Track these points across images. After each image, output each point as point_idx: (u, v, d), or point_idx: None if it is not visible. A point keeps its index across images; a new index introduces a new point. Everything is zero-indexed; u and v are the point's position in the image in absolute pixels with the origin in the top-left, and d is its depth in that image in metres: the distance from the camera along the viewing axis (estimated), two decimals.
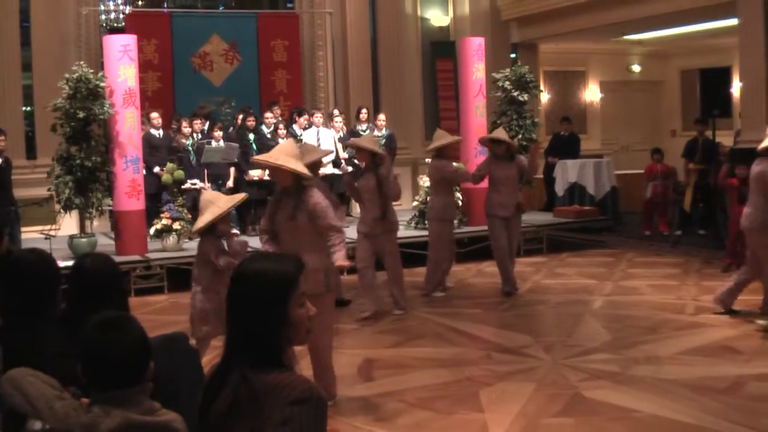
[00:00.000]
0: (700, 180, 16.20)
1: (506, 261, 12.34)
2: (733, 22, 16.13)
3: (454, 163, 13.93)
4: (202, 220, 7.91)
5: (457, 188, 14.76)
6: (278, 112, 16.18)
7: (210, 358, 7.42)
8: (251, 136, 15.41)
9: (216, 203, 7.99)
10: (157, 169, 14.46)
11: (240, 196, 8.48)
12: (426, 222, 13.27)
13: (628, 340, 9.53)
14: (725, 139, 17.41)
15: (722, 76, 17.82)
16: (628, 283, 12.83)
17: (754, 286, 10.45)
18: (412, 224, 15.25)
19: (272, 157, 7.25)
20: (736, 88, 19.96)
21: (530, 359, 8.88)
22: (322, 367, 7.52)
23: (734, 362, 8.61)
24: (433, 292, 12.31)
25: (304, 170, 7.28)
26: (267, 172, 14.74)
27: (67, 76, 13.11)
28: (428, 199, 13.25)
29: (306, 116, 16.11)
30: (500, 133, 12.65)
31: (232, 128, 16.11)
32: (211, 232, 8.07)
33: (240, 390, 2.86)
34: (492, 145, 12.45)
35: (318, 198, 7.30)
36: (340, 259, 7.31)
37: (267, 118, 15.67)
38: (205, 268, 8.12)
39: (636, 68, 25.62)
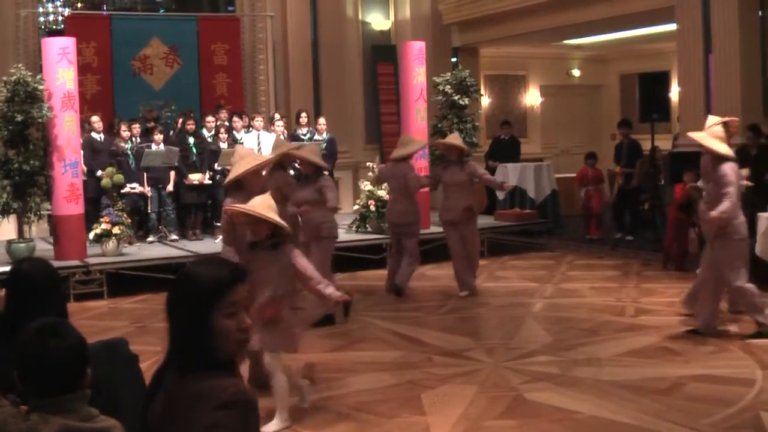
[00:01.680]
0: (625, 183, 16.41)
1: (457, 264, 12.49)
2: (672, 27, 16.31)
3: None
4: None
5: None
6: (224, 115, 16.08)
7: (149, 364, 7.35)
8: (191, 140, 15.30)
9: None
10: (98, 173, 14.31)
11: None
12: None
13: (568, 342, 9.59)
14: (663, 143, 17.61)
15: (661, 81, 18.01)
16: (568, 285, 12.92)
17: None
18: (353, 228, 15.24)
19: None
20: (674, 92, 20.19)
21: (472, 362, 8.89)
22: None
23: (673, 363, 8.69)
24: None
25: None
26: (207, 176, 14.74)
27: (5, 78, 12.94)
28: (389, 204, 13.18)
29: (246, 120, 16.03)
30: (455, 139, 12.75)
31: (172, 132, 16.01)
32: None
33: (172, 394, 2.82)
34: (445, 150, 12.56)
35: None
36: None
37: (208, 122, 15.60)
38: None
39: (576, 72, 25.83)
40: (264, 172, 9.41)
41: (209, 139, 15.35)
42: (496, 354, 9.14)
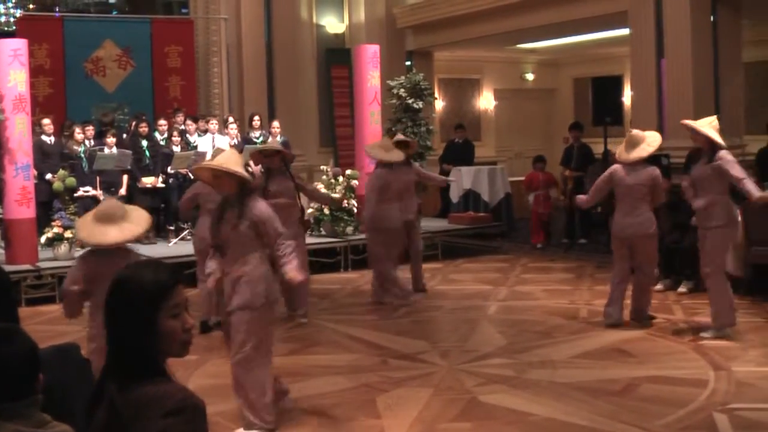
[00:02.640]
0: (576, 187, 16.48)
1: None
2: (625, 32, 16.41)
3: (348, 171, 14.10)
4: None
5: (352, 195, 14.82)
6: (180, 119, 15.97)
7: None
8: (144, 143, 15.20)
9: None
10: (49, 176, 14.16)
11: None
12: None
13: (523, 344, 9.63)
14: (616, 147, 17.69)
15: (614, 85, 18.05)
16: (522, 288, 12.97)
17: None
18: (308, 232, 15.19)
19: (217, 163, 7.07)
20: (627, 96, 20.31)
21: (426, 365, 8.90)
22: (255, 390, 7.03)
23: (627, 365, 8.75)
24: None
25: (248, 176, 7.10)
26: (160, 179, 14.62)
27: None
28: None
29: (199, 122, 15.95)
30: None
31: (125, 135, 15.90)
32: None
33: (116, 402, 2.80)
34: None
35: (262, 206, 7.12)
36: (291, 271, 7.07)
37: (160, 125, 15.51)
38: None
39: (530, 76, 25.95)
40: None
41: (162, 142, 15.26)
42: (451, 357, 9.15)
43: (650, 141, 10.08)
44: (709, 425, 6.86)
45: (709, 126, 9.63)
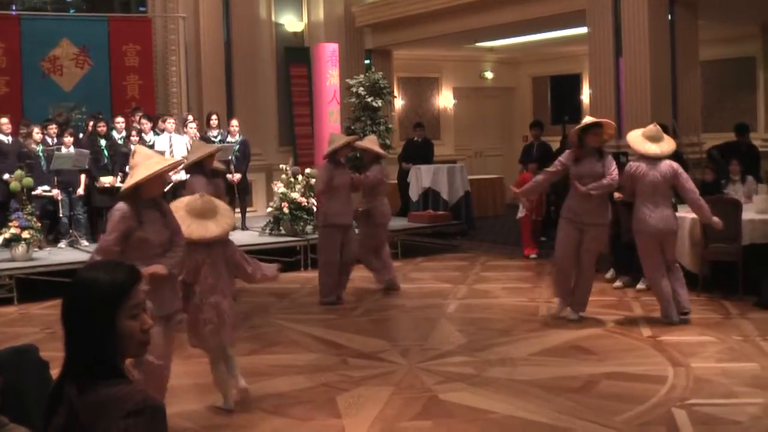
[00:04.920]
0: None
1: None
2: (583, 30, 16.53)
3: (308, 170, 14.07)
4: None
5: (312, 194, 14.79)
6: (138, 117, 15.82)
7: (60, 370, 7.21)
8: (103, 142, 15.08)
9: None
10: (6, 176, 14.01)
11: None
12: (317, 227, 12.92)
13: (482, 342, 9.64)
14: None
15: (572, 83, 18.18)
16: (481, 286, 13.00)
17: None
18: (267, 231, 15.17)
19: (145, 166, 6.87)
20: (585, 94, 20.44)
21: (386, 364, 8.89)
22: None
23: (586, 362, 8.78)
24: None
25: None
26: (119, 178, 14.53)
27: None
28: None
29: (158, 122, 15.85)
30: (373, 143, 12.82)
31: (83, 134, 15.78)
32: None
33: (74, 405, 2.77)
34: (363, 153, 12.70)
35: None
36: (153, 267, 6.53)
37: (116, 123, 15.39)
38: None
39: (488, 75, 26.01)
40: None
41: (120, 141, 15.15)
42: (411, 355, 9.15)
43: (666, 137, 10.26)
44: (668, 421, 6.89)
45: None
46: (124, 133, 15.30)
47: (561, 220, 10.56)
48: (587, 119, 10.41)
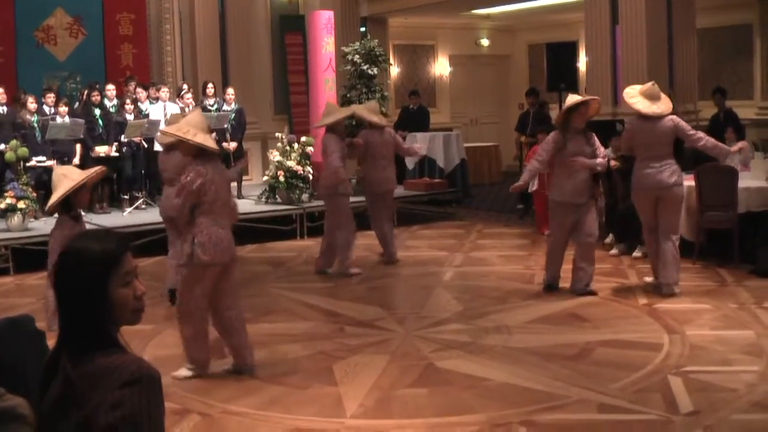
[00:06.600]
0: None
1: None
2: None
3: (303, 138, 14.01)
4: (55, 195, 7.60)
5: (308, 162, 14.76)
6: (132, 87, 15.77)
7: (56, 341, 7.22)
8: (97, 112, 15.03)
9: (69, 176, 7.68)
10: (1, 147, 13.97)
11: (95, 169, 8.13)
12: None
13: (478, 310, 9.66)
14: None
15: (568, 51, 18.12)
16: (477, 254, 13.01)
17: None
18: (263, 199, 15.15)
19: (181, 130, 7.05)
20: (582, 62, 20.38)
21: (383, 332, 8.91)
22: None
23: (582, 329, 8.81)
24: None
25: (213, 145, 7.15)
26: (113, 148, 14.51)
27: None
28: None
29: (151, 90, 15.79)
30: (371, 109, 12.69)
31: (77, 104, 15.72)
32: (67, 209, 7.82)
33: (70, 374, 2.76)
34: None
35: (185, 177, 7.15)
36: None
37: (107, 90, 15.29)
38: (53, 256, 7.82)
39: (484, 42, 25.90)
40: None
41: (112, 110, 15.09)
42: (407, 323, 9.17)
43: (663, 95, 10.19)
44: (664, 388, 6.91)
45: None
46: (115, 101, 15.24)
47: (551, 202, 10.44)
48: (573, 98, 10.27)
